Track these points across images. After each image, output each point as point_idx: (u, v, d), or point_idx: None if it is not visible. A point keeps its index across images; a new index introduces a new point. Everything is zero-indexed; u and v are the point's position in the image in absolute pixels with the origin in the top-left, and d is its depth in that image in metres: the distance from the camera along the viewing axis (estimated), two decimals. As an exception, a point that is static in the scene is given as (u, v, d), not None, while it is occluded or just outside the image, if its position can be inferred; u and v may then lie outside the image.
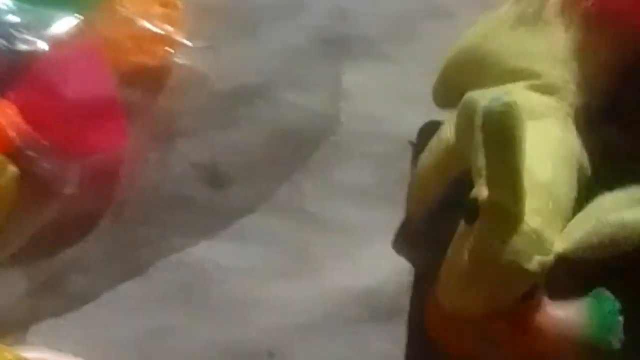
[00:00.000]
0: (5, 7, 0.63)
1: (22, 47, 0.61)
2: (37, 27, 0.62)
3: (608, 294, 0.54)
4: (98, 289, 0.61)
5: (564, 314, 0.54)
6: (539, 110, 0.56)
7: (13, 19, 0.62)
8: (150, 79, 0.67)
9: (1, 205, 0.61)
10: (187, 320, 0.60)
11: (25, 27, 0.62)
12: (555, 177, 0.53)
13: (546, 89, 0.57)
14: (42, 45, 0.61)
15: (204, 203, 0.64)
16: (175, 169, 0.65)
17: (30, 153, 0.59)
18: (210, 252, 0.63)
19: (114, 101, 0.61)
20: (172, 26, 0.67)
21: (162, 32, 0.66)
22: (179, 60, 0.68)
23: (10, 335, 0.58)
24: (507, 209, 0.50)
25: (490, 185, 0.50)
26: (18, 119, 0.59)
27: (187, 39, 0.67)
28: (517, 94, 0.54)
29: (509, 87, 0.57)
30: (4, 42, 0.62)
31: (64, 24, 0.63)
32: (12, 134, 0.58)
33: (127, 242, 0.63)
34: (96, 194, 0.62)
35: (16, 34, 0.61)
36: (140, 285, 0.62)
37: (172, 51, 0.67)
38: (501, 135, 0.48)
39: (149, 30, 0.66)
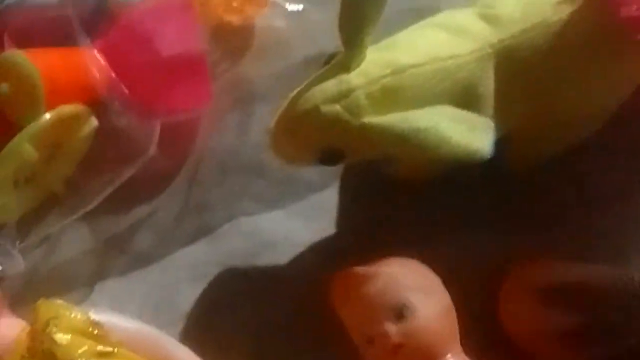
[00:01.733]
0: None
1: (115, -5, 0.57)
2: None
3: None
4: (165, 250, 0.58)
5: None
6: (467, 30, 0.52)
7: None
8: (234, 39, 0.63)
9: (75, 155, 0.57)
10: (251, 291, 0.57)
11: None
12: (417, 72, 0.50)
13: (492, 19, 0.52)
14: (135, -5, 0.57)
15: (279, 172, 0.60)
16: (254, 134, 0.61)
17: (115, 107, 0.55)
18: (282, 224, 0.59)
19: (202, 60, 0.57)
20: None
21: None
22: (266, 21, 0.63)
23: (76, 292, 0.55)
24: (343, 56, 0.49)
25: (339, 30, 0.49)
26: (107, 70, 0.55)
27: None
28: (461, 13, 0.53)
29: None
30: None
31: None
32: (100, 84, 0.54)
33: (198, 204, 0.60)
34: (172, 154, 0.58)
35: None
36: (208, 250, 0.58)
37: (260, 11, 0.62)
38: None
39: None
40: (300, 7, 0.62)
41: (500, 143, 0.54)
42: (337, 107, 0.49)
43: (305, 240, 0.58)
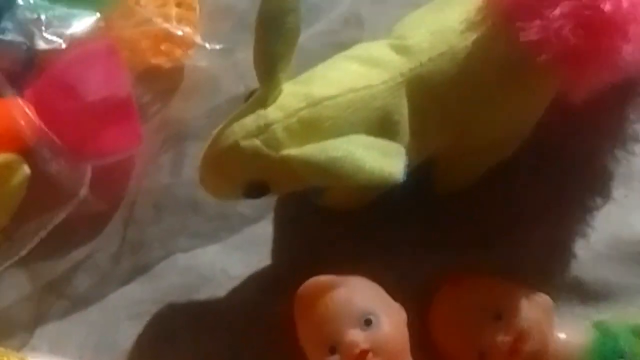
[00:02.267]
0: (25, 4, 0.59)
1: (42, 45, 0.58)
2: (57, 25, 0.58)
3: (615, 329, 0.52)
4: (103, 291, 0.58)
5: (565, 339, 0.54)
6: (379, 61, 0.53)
7: (33, 16, 0.58)
8: (164, 80, 0.63)
9: (10, 205, 0.57)
10: (190, 327, 0.57)
11: (45, 24, 0.58)
12: (332, 103, 0.51)
13: (402, 49, 0.54)
14: (61, 44, 0.58)
15: (214, 208, 0.61)
16: (187, 172, 0.62)
17: (44, 153, 0.55)
18: (219, 258, 0.59)
19: (130, 103, 0.58)
20: (187, 27, 0.63)
21: (179, 33, 0.62)
22: (193, 62, 0.64)
23: (15, 337, 0.55)
24: (260, 92, 0.51)
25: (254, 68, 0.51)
26: (35, 118, 0.55)
27: (202, 41, 0.63)
28: (374, 46, 0.54)
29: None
30: (23, 39, 0.58)
31: (83, 22, 0.59)
32: (28, 133, 0.54)
33: (134, 243, 0.60)
34: (106, 196, 0.59)
35: (36, 31, 0.58)
36: (147, 289, 0.59)
37: (188, 52, 0.63)
38: (270, 18, 0.49)
39: (165, 30, 0.62)
40: (218, 46, 0.63)
41: (426, 168, 0.55)
42: (256, 142, 0.50)
43: (243, 273, 0.59)
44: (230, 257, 0.60)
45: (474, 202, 0.59)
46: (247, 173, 0.51)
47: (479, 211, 0.59)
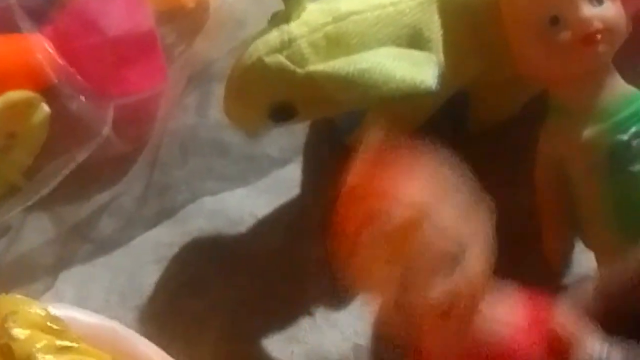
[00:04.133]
0: None
1: (61, -22, 0.52)
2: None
3: None
4: (130, 235, 0.54)
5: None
6: None
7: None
8: (188, 20, 0.58)
9: (31, 144, 0.53)
10: (219, 272, 0.52)
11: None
12: (359, 19, 0.47)
13: None
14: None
15: (241, 150, 0.56)
16: (213, 113, 0.57)
17: (66, 91, 0.50)
18: (246, 201, 0.55)
19: (153, 38, 0.53)
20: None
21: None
22: (218, 0, 0.59)
23: (40, 281, 0.51)
24: (284, 9, 0.47)
25: None
26: (55, 55, 0.50)
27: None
28: None
29: None
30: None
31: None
32: (48, 70, 0.50)
33: (160, 186, 0.55)
34: (131, 136, 0.54)
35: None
36: (173, 232, 0.54)
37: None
38: None
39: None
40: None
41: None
42: (280, 57, 0.46)
43: (271, 216, 0.54)
44: (258, 200, 0.55)
45: (505, 141, 0.53)
46: (272, 92, 0.47)
47: (510, 151, 0.53)
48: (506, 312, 0.42)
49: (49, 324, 0.43)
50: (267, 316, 0.51)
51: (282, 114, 0.48)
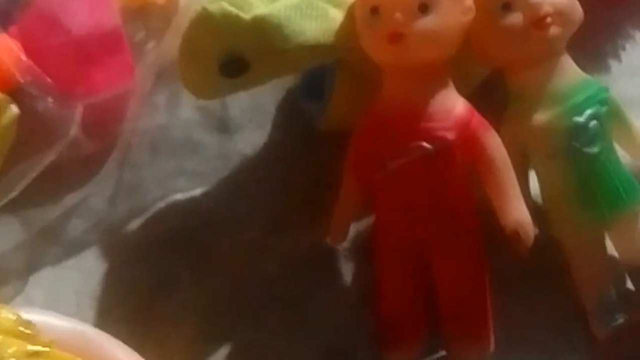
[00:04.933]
0: None
1: (25, -23, 0.51)
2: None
3: None
4: (99, 235, 0.52)
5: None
6: None
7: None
8: (157, 17, 0.56)
9: (1, 146, 0.51)
10: (192, 270, 0.51)
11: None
12: None
13: None
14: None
15: (213, 148, 0.54)
16: (183, 112, 0.55)
17: (32, 91, 0.48)
18: (217, 199, 0.53)
19: (119, 37, 0.51)
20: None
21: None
22: (187, -2, 0.57)
23: (8, 286, 0.49)
24: None
25: None
26: (21, 55, 0.48)
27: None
28: None
29: None
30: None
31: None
32: (14, 70, 0.48)
33: (131, 186, 0.54)
34: (100, 136, 0.52)
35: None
36: (145, 232, 0.53)
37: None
38: None
39: (157, -36, 0.55)
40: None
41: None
42: (224, 3, 0.45)
43: (245, 214, 0.53)
44: (231, 198, 0.54)
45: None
46: (219, 43, 0.45)
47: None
48: None
49: (20, 328, 0.42)
50: (241, 315, 0.50)
51: (234, 66, 0.46)
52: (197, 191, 0.54)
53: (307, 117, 0.54)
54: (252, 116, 0.56)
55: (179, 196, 0.54)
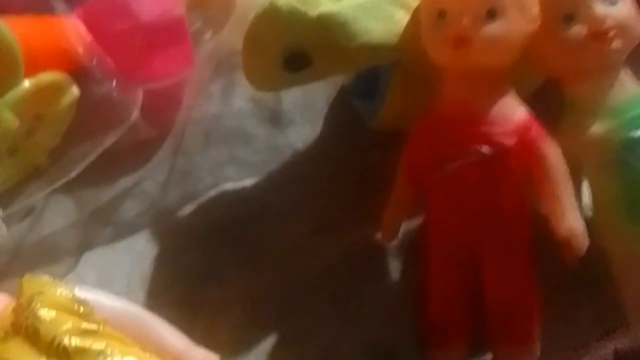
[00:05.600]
0: None
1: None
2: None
3: None
4: (150, 219, 0.52)
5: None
6: None
7: None
8: (216, 8, 0.57)
9: (58, 126, 0.51)
10: (239, 260, 0.51)
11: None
12: None
13: None
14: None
15: (264, 140, 0.54)
16: (237, 102, 0.55)
17: (96, 74, 0.48)
18: (267, 191, 0.53)
19: (182, 26, 0.51)
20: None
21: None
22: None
23: (61, 264, 0.49)
24: None
25: None
26: (87, 37, 0.49)
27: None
28: None
29: None
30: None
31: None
32: (79, 52, 0.48)
33: (183, 173, 0.54)
34: (157, 122, 0.53)
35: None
36: (195, 220, 0.53)
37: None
38: None
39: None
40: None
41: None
42: (292, 0, 0.45)
43: (292, 208, 0.53)
44: (280, 190, 0.54)
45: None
46: (285, 38, 0.46)
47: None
48: None
49: (74, 306, 0.42)
50: (286, 307, 0.50)
51: (296, 61, 0.46)
52: (247, 181, 0.54)
53: (358, 116, 0.54)
54: (303, 111, 0.56)
55: (229, 185, 0.54)
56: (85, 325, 0.41)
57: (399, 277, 0.51)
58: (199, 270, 0.51)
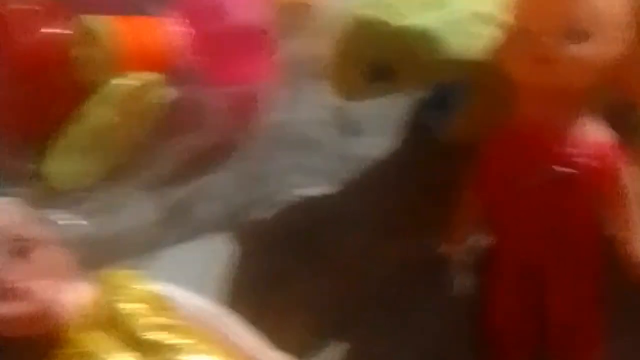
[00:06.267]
0: None
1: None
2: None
3: None
4: (225, 222, 0.53)
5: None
6: None
7: None
8: (290, 16, 0.57)
9: (145, 124, 0.52)
10: (305, 266, 0.52)
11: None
12: None
13: None
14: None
15: (332, 148, 0.55)
16: (307, 110, 0.56)
17: (188, 75, 0.49)
18: (335, 199, 0.54)
19: (270, 32, 0.52)
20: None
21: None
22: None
23: (137, 259, 0.50)
24: None
25: None
26: (181, 39, 0.49)
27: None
28: None
29: None
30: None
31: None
32: (174, 53, 0.49)
33: (254, 176, 0.54)
34: (235, 126, 0.53)
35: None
36: (263, 222, 0.53)
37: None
38: None
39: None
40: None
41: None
42: (377, 12, 0.46)
43: (359, 215, 0.53)
44: (346, 198, 0.54)
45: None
46: (371, 49, 0.47)
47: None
48: None
49: (155, 301, 0.43)
50: (348, 314, 0.50)
51: (381, 72, 0.47)
52: (316, 189, 0.54)
53: (429, 127, 0.54)
54: (374, 121, 0.56)
55: (299, 192, 0.54)
56: (164, 320, 0.42)
57: (460, 289, 0.52)
58: (267, 275, 0.51)
